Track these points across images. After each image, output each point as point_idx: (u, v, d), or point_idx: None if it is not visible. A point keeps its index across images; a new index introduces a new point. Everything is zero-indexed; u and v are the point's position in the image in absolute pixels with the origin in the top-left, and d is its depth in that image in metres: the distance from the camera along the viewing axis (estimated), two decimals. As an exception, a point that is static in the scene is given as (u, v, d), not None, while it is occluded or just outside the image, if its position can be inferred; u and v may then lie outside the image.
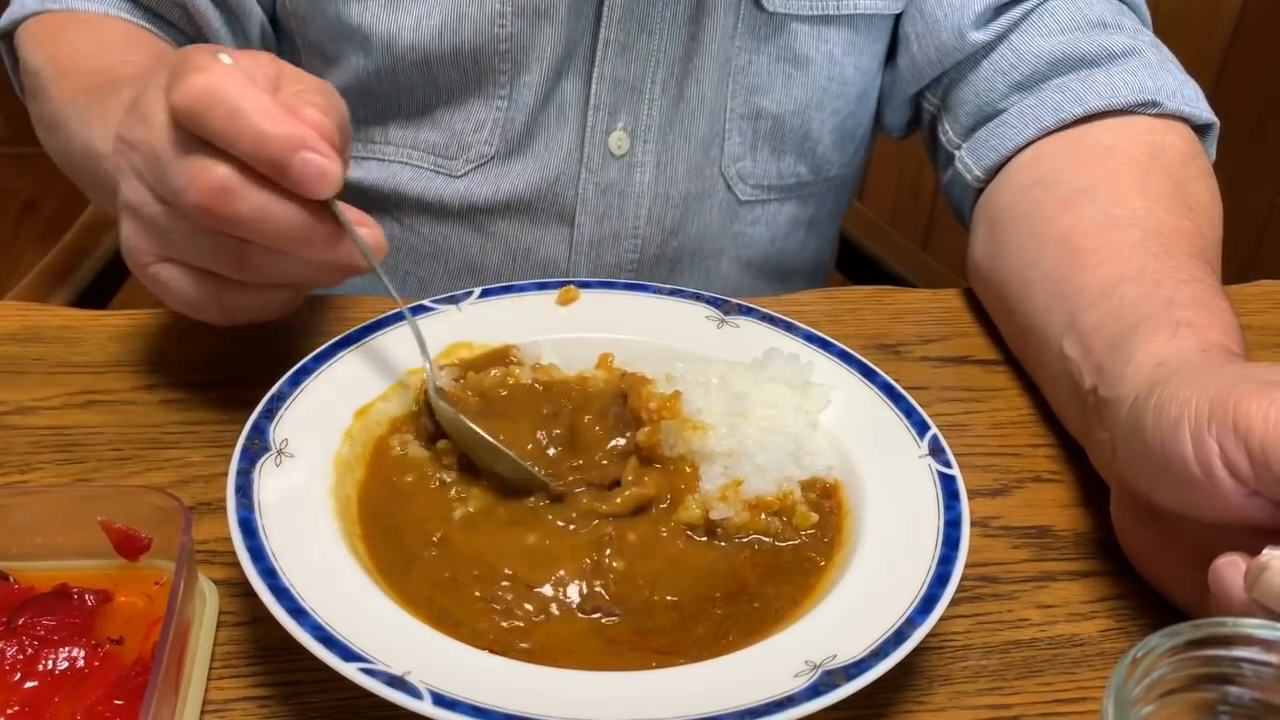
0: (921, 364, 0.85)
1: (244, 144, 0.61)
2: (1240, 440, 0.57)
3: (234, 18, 0.97)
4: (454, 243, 1.02)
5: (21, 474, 0.70)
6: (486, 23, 0.93)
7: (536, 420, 0.70)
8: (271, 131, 0.61)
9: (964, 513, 0.63)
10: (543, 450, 0.69)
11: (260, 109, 0.61)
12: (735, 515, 0.65)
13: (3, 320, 0.81)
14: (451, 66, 0.95)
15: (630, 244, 1.02)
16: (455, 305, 0.78)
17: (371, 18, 0.93)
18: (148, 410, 0.75)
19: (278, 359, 0.78)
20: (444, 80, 0.95)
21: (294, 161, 0.61)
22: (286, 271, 0.67)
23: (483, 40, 0.93)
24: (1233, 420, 0.57)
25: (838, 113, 1.03)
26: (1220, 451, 0.58)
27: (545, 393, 0.72)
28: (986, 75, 0.96)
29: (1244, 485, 0.58)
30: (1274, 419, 0.56)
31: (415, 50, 0.94)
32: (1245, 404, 0.57)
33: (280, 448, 0.64)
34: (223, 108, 0.61)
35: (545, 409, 0.71)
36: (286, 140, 0.61)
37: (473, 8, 0.92)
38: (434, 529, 0.64)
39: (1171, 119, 0.90)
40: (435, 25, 0.93)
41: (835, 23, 0.99)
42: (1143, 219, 0.81)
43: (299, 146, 0.61)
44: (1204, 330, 0.69)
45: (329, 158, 0.62)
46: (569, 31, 0.94)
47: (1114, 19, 0.95)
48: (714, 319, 0.79)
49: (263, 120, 0.61)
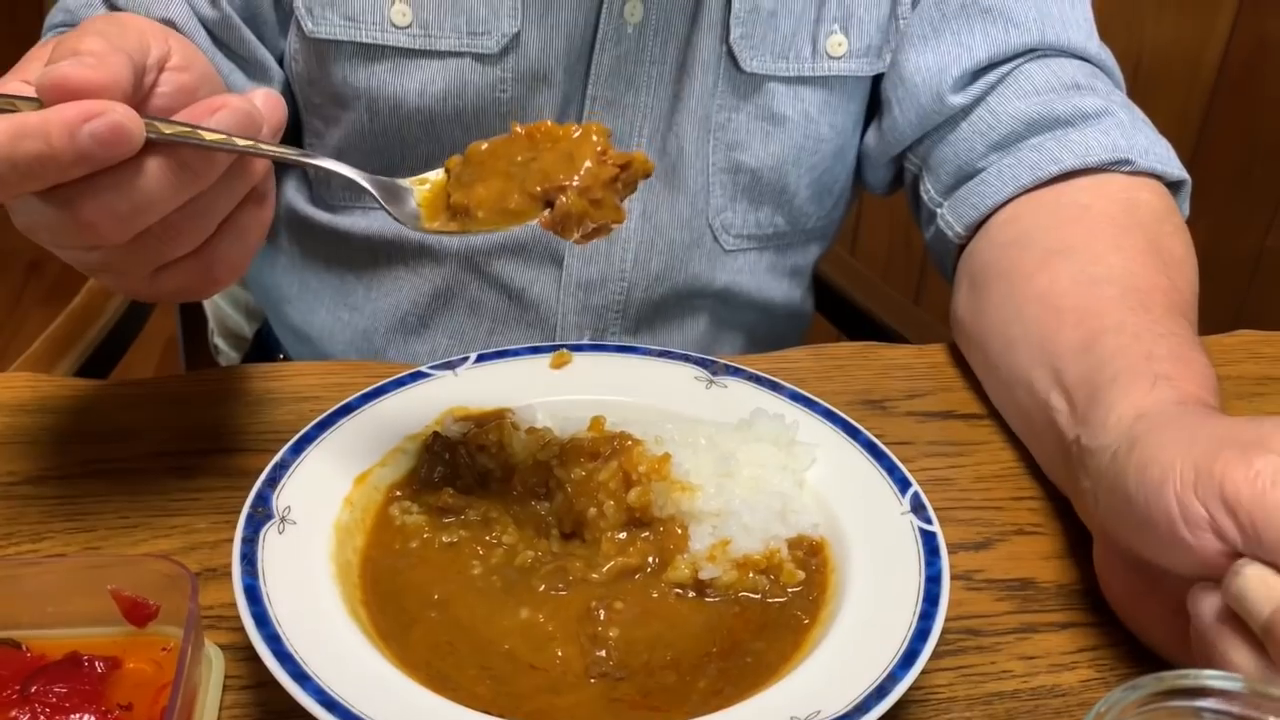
0: (907, 419, 0.88)
1: (45, 172, 0.57)
2: (1228, 509, 0.59)
3: (252, 68, 0.99)
4: (454, 282, 1.05)
5: (33, 543, 0.72)
6: (488, 88, 0.96)
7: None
8: (45, 148, 0.56)
9: (944, 568, 0.65)
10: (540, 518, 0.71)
11: (15, 134, 0.57)
12: (724, 574, 0.67)
13: (14, 391, 0.84)
14: (454, 126, 0.98)
15: (617, 287, 1.05)
16: (452, 371, 0.80)
17: (378, 83, 0.97)
18: (154, 478, 0.77)
19: (279, 427, 0.81)
20: (447, 138, 0.99)
21: (84, 145, 0.56)
22: (213, 216, 0.64)
23: (484, 103, 0.97)
24: (1220, 490, 0.59)
25: (814, 168, 1.07)
26: (1209, 517, 0.60)
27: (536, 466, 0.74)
28: (965, 136, 0.99)
29: (1228, 546, 0.60)
30: (1260, 488, 0.58)
31: (420, 113, 0.97)
32: (1231, 474, 0.59)
33: (283, 515, 0.66)
34: (2, 163, 0.57)
35: (534, 481, 0.73)
36: (62, 135, 0.56)
37: (475, 75, 0.96)
38: (433, 591, 0.66)
39: (1145, 176, 0.93)
40: (439, 90, 0.96)
41: (811, 83, 1.02)
42: (1120, 275, 0.83)
43: (70, 133, 0.56)
44: (1181, 383, 0.72)
45: (101, 113, 0.56)
46: (565, 90, 0.98)
47: (1087, 81, 0.98)
48: (702, 379, 0.81)
49: (30, 144, 0.56)
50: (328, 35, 0.96)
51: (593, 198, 0.66)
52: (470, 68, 0.96)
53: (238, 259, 0.67)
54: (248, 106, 0.62)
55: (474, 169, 0.67)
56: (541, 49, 0.96)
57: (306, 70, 0.99)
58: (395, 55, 0.96)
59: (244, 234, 0.66)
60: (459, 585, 0.67)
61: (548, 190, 0.66)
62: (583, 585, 0.67)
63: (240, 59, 0.97)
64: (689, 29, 0.99)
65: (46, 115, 0.56)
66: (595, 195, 0.66)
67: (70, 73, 0.57)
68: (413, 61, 0.96)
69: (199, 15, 0.94)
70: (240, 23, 0.96)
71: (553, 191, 0.66)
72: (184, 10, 0.93)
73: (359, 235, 1.05)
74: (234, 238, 0.66)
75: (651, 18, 0.96)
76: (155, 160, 0.59)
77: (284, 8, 0.98)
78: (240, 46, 0.97)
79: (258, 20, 0.98)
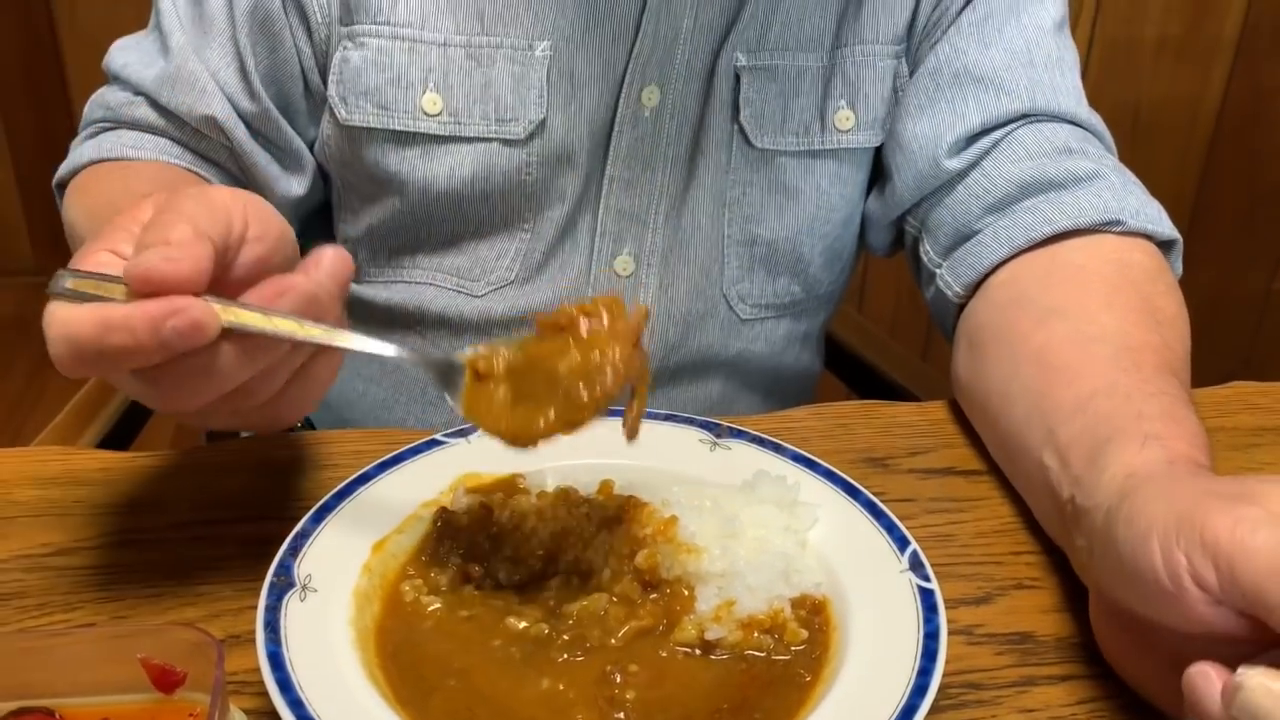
0: (909, 476, 0.90)
1: (131, 360, 0.62)
2: (1208, 557, 0.60)
3: (287, 157, 1.04)
4: None
5: (65, 613, 0.75)
6: (514, 170, 1.00)
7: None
8: (131, 341, 0.61)
9: (942, 625, 0.67)
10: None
11: (104, 327, 0.61)
12: (729, 634, 0.69)
13: (45, 464, 0.87)
14: (481, 205, 1.02)
15: None
16: (465, 438, 0.83)
17: (409, 167, 1.00)
18: (180, 547, 0.80)
19: (299, 494, 0.84)
20: (473, 216, 1.03)
21: (167, 339, 0.60)
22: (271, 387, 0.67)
23: (510, 186, 1.01)
24: (1200, 537, 0.61)
25: (826, 236, 1.10)
26: (1189, 566, 0.61)
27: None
28: (962, 199, 1.03)
29: (1211, 596, 0.61)
30: (1239, 536, 0.60)
31: (449, 194, 1.01)
32: (1212, 521, 0.61)
33: (304, 583, 0.69)
34: (90, 350, 0.61)
35: (546, 547, 0.75)
36: (146, 330, 0.60)
37: (501, 159, 1.00)
38: (453, 661, 0.68)
39: (1136, 236, 0.96)
40: (467, 174, 1.00)
41: (821, 157, 1.06)
42: (1113, 335, 0.86)
43: (154, 329, 0.60)
44: (1171, 441, 0.74)
45: (183, 310, 0.60)
46: (586, 171, 1.02)
47: (1079, 145, 1.01)
48: (707, 442, 0.84)
49: (118, 337, 0.61)
50: (361, 123, 1.00)
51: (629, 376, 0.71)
52: (497, 152, 1.00)
53: (306, 403, 0.70)
54: (312, 288, 0.65)
55: (520, 382, 0.72)
56: (565, 133, 1.00)
57: (339, 154, 1.03)
58: (426, 141, 1.00)
59: (312, 382, 0.69)
60: (479, 657, 0.69)
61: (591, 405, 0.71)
62: (599, 650, 0.69)
63: (277, 149, 1.02)
64: (702, 111, 1.03)
65: (131, 311, 0.60)
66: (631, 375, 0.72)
67: (158, 267, 0.61)
68: (442, 146, 1.00)
69: (238, 110, 0.98)
70: (277, 114, 1.00)
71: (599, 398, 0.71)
72: (225, 107, 0.97)
73: (381, 305, 1.09)
74: (303, 386, 0.69)
75: (667, 103, 1.01)
76: (229, 344, 0.63)
77: (316, 97, 1.02)
78: (277, 137, 1.01)
79: (292, 110, 1.02)
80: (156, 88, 0.99)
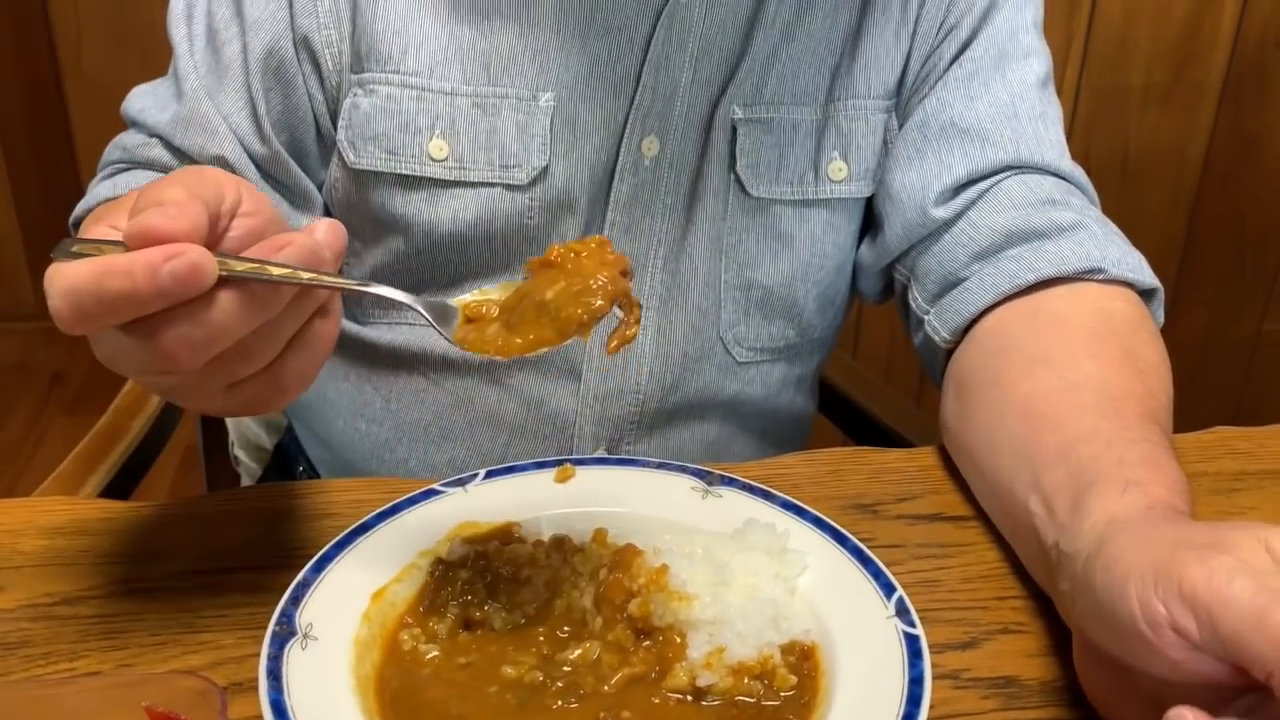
0: (897, 522, 0.91)
1: (128, 307, 0.63)
2: (1188, 607, 0.62)
3: (297, 197, 1.06)
4: (475, 394, 1.11)
5: (70, 661, 0.76)
6: (516, 215, 1.03)
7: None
8: (129, 285, 0.61)
9: (926, 670, 0.69)
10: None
11: (103, 272, 0.62)
12: (720, 681, 0.71)
13: (50, 515, 0.88)
14: (484, 248, 1.05)
15: (633, 399, 1.10)
16: (462, 488, 0.85)
17: (414, 210, 1.03)
18: (183, 596, 0.81)
19: (300, 543, 0.85)
20: (476, 258, 1.05)
21: (164, 283, 0.61)
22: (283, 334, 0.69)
23: (513, 229, 1.04)
24: (1179, 589, 0.62)
25: (820, 283, 1.13)
26: (1168, 616, 0.63)
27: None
28: (949, 247, 1.05)
29: (1189, 643, 0.62)
30: (1216, 585, 0.61)
31: (453, 237, 1.04)
32: (1189, 572, 0.62)
33: (305, 631, 0.70)
34: (89, 297, 0.62)
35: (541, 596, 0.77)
36: (144, 274, 0.61)
37: (505, 203, 1.03)
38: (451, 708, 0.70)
39: (1118, 285, 0.98)
40: (471, 217, 1.03)
41: (814, 206, 1.09)
42: (1095, 383, 0.88)
43: (152, 272, 0.61)
44: (1151, 487, 0.75)
45: (180, 254, 0.62)
46: (586, 217, 1.05)
47: (1062, 197, 1.03)
48: (699, 490, 0.86)
49: (116, 281, 0.62)
50: (369, 166, 1.03)
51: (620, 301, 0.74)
52: (501, 197, 1.02)
53: (306, 370, 0.71)
54: (311, 243, 0.67)
55: (511, 315, 0.74)
56: (567, 180, 1.03)
57: (346, 197, 1.06)
58: (431, 185, 1.02)
59: (311, 348, 0.71)
60: (475, 703, 0.70)
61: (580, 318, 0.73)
62: (593, 697, 0.71)
63: (286, 189, 1.04)
64: (700, 161, 1.06)
65: (131, 256, 0.62)
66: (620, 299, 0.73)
67: (154, 222, 0.63)
68: (447, 191, 1.02)
69: (249, 152, 1.01)
70: (288, 157, 1.03)
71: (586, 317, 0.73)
72: (236, 149, 1.00)
73: (384, 346, 1.11)
74: (302, 352, 0.70)
75: (666, 152, 1.04)
76: (227, 294, 0.64)
77: (327, 141, 1.05)
78: (287, 178, 1.04)
79: (302, 153, 1.05)
80: (171, 129, 1.01)
